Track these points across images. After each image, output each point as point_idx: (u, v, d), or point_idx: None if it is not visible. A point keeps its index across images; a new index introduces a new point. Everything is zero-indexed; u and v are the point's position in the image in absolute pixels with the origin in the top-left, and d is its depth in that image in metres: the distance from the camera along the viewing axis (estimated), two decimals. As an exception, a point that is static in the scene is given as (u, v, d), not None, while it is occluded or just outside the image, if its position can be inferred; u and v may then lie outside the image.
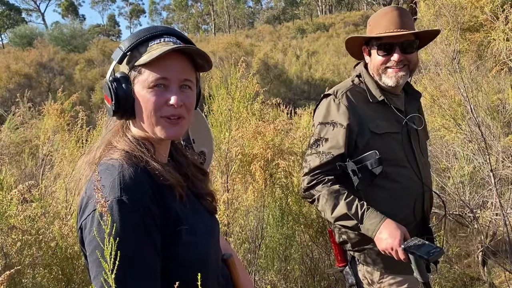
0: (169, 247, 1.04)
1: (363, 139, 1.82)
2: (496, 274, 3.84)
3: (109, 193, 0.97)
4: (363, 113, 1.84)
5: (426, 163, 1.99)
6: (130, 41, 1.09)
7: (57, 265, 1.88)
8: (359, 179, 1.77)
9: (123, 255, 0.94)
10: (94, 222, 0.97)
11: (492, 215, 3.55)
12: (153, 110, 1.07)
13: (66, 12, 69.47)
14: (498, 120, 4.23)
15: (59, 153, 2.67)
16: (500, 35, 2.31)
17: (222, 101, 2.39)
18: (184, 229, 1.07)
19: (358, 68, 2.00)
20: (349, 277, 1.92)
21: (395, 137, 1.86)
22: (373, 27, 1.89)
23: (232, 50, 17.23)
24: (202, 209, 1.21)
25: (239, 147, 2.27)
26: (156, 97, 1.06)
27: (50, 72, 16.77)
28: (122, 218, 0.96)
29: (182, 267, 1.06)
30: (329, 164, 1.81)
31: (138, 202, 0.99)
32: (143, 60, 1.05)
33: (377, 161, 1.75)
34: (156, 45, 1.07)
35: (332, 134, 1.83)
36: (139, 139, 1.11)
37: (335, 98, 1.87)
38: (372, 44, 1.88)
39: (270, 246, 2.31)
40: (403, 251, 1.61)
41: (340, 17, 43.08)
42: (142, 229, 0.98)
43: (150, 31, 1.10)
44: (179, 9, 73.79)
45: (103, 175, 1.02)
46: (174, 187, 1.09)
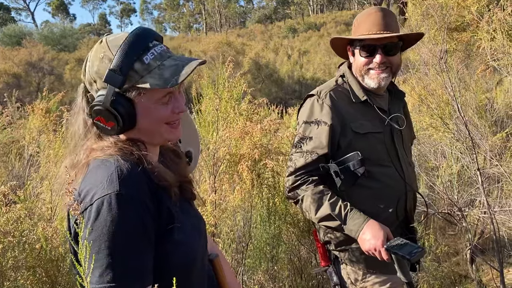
0: (160, 244, 1.04)
1: (345, 139, 1.83)
2: (484, 271, 3.87)
3: (107, 187, 0.97)
4: (346, 113, 1.85)
5: (410, 163, 2.00)
6: (122, 60, 1.02)
7: (41, 267, 1.86)
8: (341, 180, 1.77)
9: (121, 250, 0.95)
10: (91, 216, 0.96)
11: (480, 213, 3.58)
12: (162, 121, 1.09)
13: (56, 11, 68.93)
14: (486, 119, 4.26)
15: (44, 154, 2.64)
16: (485, 36, 2.33)
17: (209, 101, 2.39)
18: (176, 227, 1.07)
19: (342, 68, 2.01)
20: (333, 277, 1.93)
21: (378, 137, 1.87)
22: (356, 28, 1.89)
23: (223, 50, 17.20)
24: (189, 208, 1.21)
25: (227, 147, 2.27)
26: (166, 109, 1.08)
27: (39, 71, 16.62)
28: (121, 213, 0.96)
29: (170, 265, 1.06)
30: (313, 164, 1.82)
31: (136, 197, 0.99)
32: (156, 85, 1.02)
33: (360, 162, 1.75)
34: (152, 60, 1.04)
35: (316, 134, 1.83)
36: (129, 138, 1.11)
37: (319, 99, 1.88)
38: (356, 45, 1.89)
39: (257, 246, 2.31)
40: (386, 251, 1.62)
41: (331, 16, 43.21)
42: (140, 224, 0.98)
43: (138, 46, 1.05)
44: (170, 8, 73.54)
45: (98, 171, 1.02)
46: (170, 188, 1.09)
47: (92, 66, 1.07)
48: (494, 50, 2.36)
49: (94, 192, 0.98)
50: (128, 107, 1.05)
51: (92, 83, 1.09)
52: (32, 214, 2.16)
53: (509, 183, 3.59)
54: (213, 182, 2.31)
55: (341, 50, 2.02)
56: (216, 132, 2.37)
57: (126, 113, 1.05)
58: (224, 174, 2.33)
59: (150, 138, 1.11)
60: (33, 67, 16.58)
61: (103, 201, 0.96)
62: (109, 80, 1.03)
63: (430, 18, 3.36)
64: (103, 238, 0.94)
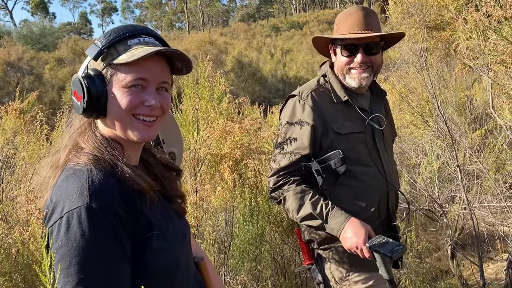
0: (139, 253, 1.01)
1: (327, 140, 1.83)
2: (464, 266, 3.93)
3: (77, 200, 0.94)
4: (328, 114, 1.85)
5: (391, 162, 2.01)
6: (108, 38, 1.05)
7: (18, 272, 1.81)
8: (323, 179, 1.78)
9: (93, 265, 0.92)
10: (61, 230, 0.93)
11: (460, 209, 3.63)
12: (128, 110, 1.04)
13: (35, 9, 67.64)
14: (465, 116, 4.33)
15: (20, 156, 2.58)
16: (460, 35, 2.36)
17: (189, 101, 2.36)
18: (155, 235, 1.04)
19: (323, 67, 2.01)
20: (316, 275, 1.93)
21: (359, 137, 1.87)
22: (338, 27, 1.89)
23: (206, 48, 17.12)
24: (172, 213, 1.18)
25: (208, 147, 2.25)
26: (132, 96, 1.04)
27: (18, 71, 16.34)
28: (91, 226, 0.92)
29: (151, 273, 1.04)
30: (295, 165, 1.82)
31: (108, 209, 0.95)
32: (124, 59, 1.02)
33: (341, 160, 1.76)
34: (136, 44, 1.05)
35: (298, 135, 1.83)
36: (109, 138, 1.07)
37: (300, 99, 1.87)
38: (337, 44, 1.89)
39: (240, 247, 2.29)
40: (367, 249, 1.63)
41: (314, 15, 43.39)
42: (112, 236, 0.95)
43: (129, 30, 1.07)
44: (152, 7, 72.87)
45: (70, 180, 0.98)
46: (146, 192, 1.05)
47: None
48: (471, 50, 2.39)
49: (64, 204, 0.95)
50: (100, 85, 1.04)
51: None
52: (8, 218, 2.11)
53: (488, 179, 3.65)
54: (194, 182, 2.29)
55: (324, 49, 2.01)
56: (197, 132, 2.34)
57: (96, 90, 1.03)
58: (205, 175, 2.31)
59: (122, 131, 1.07)
60: (12, 67, 16.29)
61: (73, 214, 0.93)
62: (89, 51, 1.06)
63: (410, 17, 3.40)
64: (73, 253, 0.91)
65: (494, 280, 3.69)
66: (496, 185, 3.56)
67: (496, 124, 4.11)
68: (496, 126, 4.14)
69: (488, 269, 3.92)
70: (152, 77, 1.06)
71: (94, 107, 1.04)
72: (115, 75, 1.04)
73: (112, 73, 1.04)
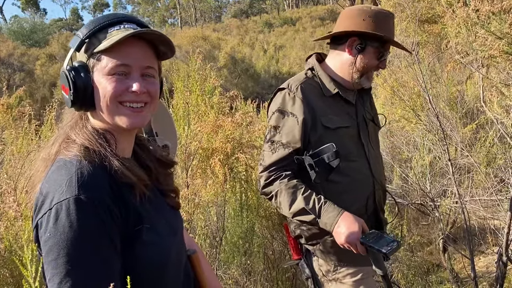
0: (128, 246, 1.00)
1: (315, 134, 1.80)
2: (456, 260, 3.96)
3: (65, 191, 0.93)
4: (317, 107, 1.82)
5: (377, 156, 2.00)
6: (88, 27, 1.04)
7: (5, 267, 1.79)
8: (316, 173, 1.74)
9: (81, 256, 0.91)
10: (50, 221, 0.92)
11: (451, 203, 3.65)
12: (113, 97, 1.02)
13: (26, 5, 66.94)
14: (457, 111, 4.34)
15: (8, 150, 2.55)
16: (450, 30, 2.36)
17: (180, 95, 2.34)
18: (145, 227, 1.03)
19: (310, 61, 1.96)
20: (305, 269, 1.92)
21: (346, 131, 1.85)
22: (378, 26, 1.78)
23: (198, 44, 17.04)
24: (165, 206, 1.17)
25: (199, 141, 2.23)
26: (116, 83, 1.02)
27: (9, 67, 16.14)
28: (80, 218, 0.91)
29: (141, 267, 1.02)
30: (286, 159, 1.78)
31: (96, 201, 0.94)
32: (103, 46, 1.00)
33: (334, 154, 1.73)
34: (116, 31, 1.02)
35: (288, 129, 1.79)
36: (100, 130, 1.06)
37: (290, 92, 1.83)
38: (372, 43, 1.81)
39: (231, 241, 2.29)
40: (361, 245, 1.60)
41: (307, 11, 43.31)
42: (101, 228, 0.94)
43: (109, 18, 1.05)
44: (144, 3, 72.42)
45: (59, 172, 0.97)
46: (135, 186, 1.04)
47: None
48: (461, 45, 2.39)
49: (53, 196, 0.94)
50: (85, 76, 1.02)
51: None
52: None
53: (479, 173, 3.67)
54: (186, 177, 2.27)
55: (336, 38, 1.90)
56: (188, 126, 2.33)
57: (81, 82, 1.02)
58: (196, 169, 2.30)
59: (111, 119, 1.05)
60: (2, 63, 16.10)
61: (61, 206, 0.92)
62: (71, 43, 1.05)
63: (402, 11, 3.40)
64: (61, 244, 0.90)
65: (485, 273, 3.72)
66: (487, 179, 3.59)
67: (487, 119, 4.13)
68: (487, 121, 4.16)
69: (479, 262, 3.95)
70: (135, 62, 1.04)
71: (82, 99, 1.03)
72: (98, 64, 1.03)
73: (95, 63, 1.03)
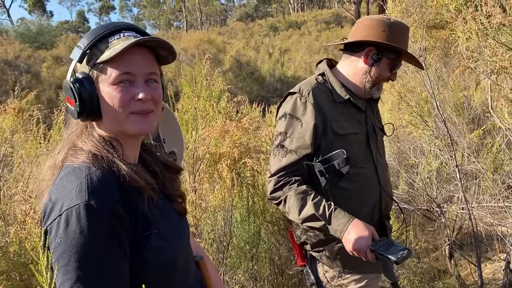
0: (136, 252, 1.01)
1: (326, 140, 1.79)
2: (462, 266, 3.93)
3: (75, 197, 0.93)
4: (328, 112, 1.81)
5: (384, 164, 1.99)
6: (89, 38, 1.05)
7: (15, 271, 1.80)
8: (326, 180, 1.73)
9: (92, 262, 0.92)
10: (60, 227, 0.92)
11: (458, 209, 3.63)
12: (121, 107, 1.03)
13: (32, 8, 67.41)
14: (464, 116, 4.33)
15: (18, 154, 2.57)
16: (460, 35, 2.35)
17: (187, 99, 2.35)
18: (153, 233, 1.03)
19: (321, 66, 1.96)
20: (309, 277, 1.90)
21: (356, 138, 1.85)
22: (396, 38, 1.79)
23: (204, 47, 17.10)
24: (172, 211, 1.18)
25: (206, 146, 2.23)
26: (122, 93, 1.03)
27: (16, 69, 16.25)
28: (90, 223, 0.92)
29: (149, 272, 1.03)
30: (296, 165, 1.77)
31: (106, 207, 0.95)
32: (106, 57, 1.01)
33: (345, 160, 1.72)
34: (116, 40, 1.03)
35: (299, 134, 1.78)
36: (106, 138, 1.07)
37: (301, 97, 1.81)
38: (388, 55, 1.82)
39: (238, 246, 2.28)
40: (371, 252, 1.58)
41: (312, 15, 43.37)
42: (111, 234, 0.95)
43: (108, 27, 1.06)
44: (150, 5, 72.70)
45: (69, 178, 0.98)
46: (143, 190, 1.05)
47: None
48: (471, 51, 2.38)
49: (63, 202, 0.95)
50: (89, 87, 1.03)
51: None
52: (5, 216, 2.10)
53: (486, 180, 3.65)
54: (193, 181, 2.28)
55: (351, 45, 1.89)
56: (195, 131, 2.33)
57: (86, 93, 1.03)
58: (204, 174, 2.30)
59: (120, 127, 1.07)
60: (9, 65, 16.21)
61: (71, 212, 0.93)
62: (73, 55, 1.05)
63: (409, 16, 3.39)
64: (72, 250, 0.91)
65: (491, 280, 3.69)
66: (494, 185, 3.57)
67: (494, 125, 4.12)
68: (494, 127, 4.15)
69: (486, 269, 3.92)
70: (138, 70, 1.05)
71: (88, 110, 1.04)
72: (101, 74, 1.04)
73: (98, 73, 1.04)
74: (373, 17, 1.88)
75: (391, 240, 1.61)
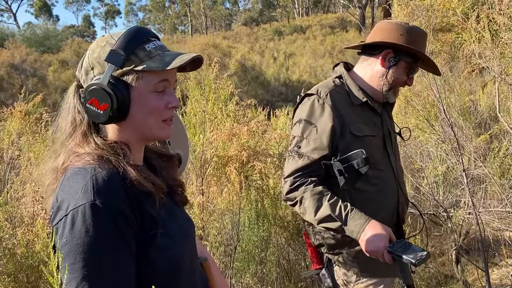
0: (142, 251, 1.01)
1: (344, 141, 1.78)
2: (469, 272, 3.90)
3: (81, 198, 0.94)
4: (346, 115, 1.81)
5: (400, 167, 1.99)
6: (129, 44, 1.05)
7: (22, 273, 1.80)
8: (345, 179, 1.72)
9: (97, 261, 0.93)
10: (66, 227, 0.93)
11: (465, 214, 3.61)
12: (154, 114, 1.07)
13: (39, 12, 67.94)
14: (470, 121, 4.32)
15: (25, 157, 2.58)
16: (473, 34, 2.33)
17: (195, 103, 2.35)
18: (159, 232, 1.04)
19: (338, 69, 1.96)
20: (326, 280, 1.90)
21: (373, 140, 1.85)
22: (414, 42, 1.79)
23: (209, 51, 17.16)
24: (177, 210, 1.18)
25: (214, 149, 2.24)
26: (158, 100, 1.07)
27: (22, 73, 16.36)
28: (95, 223, 0.93)
29: (154, 271, 1.04)
30: (312, 166, 1.76)
31: (112, 206, 0.96)
32: (156, 67, 1.04)
33: (364, 160, 1.71)
34: (155, 50, 1.07)
35: (316, 135, 1.78)
36: (113, 143, 1.07)
37: (319, 98, 1.82)
38: (405, 58, 1.82)
39: (246, 249, 2.28)
40: (388, 254, 1.56)
41: (317, 19, 43.42)
42: (117, 234, 0.96)
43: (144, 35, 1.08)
44: (155, 10, 73.07)
45: (74, 179, 0.99)
46: (154, 194, 1.05)
47: (93, 54, 1.08)
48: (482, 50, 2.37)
49: (69, 202, 0.96)
50: (124, 91, 1.04)
51: (89, 71, 1.08)
52: (12, 218, 2.11)
53: (493, 184, 3.63)
54: (201, 184, 2.28)
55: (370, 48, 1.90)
56: (203, 134, 2.33)
57: (121, 96, 1.04)
58: (211, 177, 2.30)
59: (141, 132, 1.09)
60: (16, 69, 16.32)
61: (77, 212, 0.94)
62: (110, 59, 1.04)
63: (415, 20, 3.39)
64: (78, 250, 0.92)
65: (499, 285, 3.67)
66: (502, 190, 3.55)
67: (500, 129, 4.10)
68: (501, 131, 4.13)
69: (493, 274, 3.89)
70: (172, 77, 1.09)
71: (119, 115, 1.05)
72: (140, 80, 1.05)
73: (135, 79, 1.05)
74: (391, 21, 1.89)
75: (409, 242, 1.59)
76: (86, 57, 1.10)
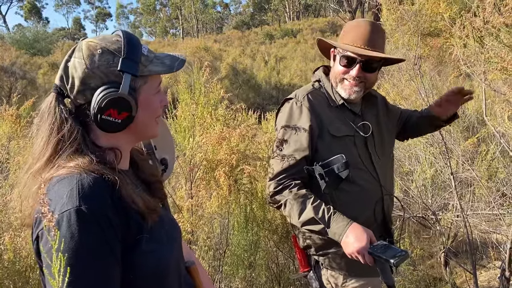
0: (128, 256, 1.01)
1: (323, 142, 1.82)
2: (457, 274, 3.94)
3: (67, 203, 0.94)
4: (324, 116, 1.85)
5: (386, 166, 2.00)
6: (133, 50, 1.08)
7: (8, 279, 1.78)
8: (326, 183, 1.76)
9: (83, 266, 0.92)
10: (51, 232, 0.92)
11: (453, 217, 3.65)
12: (154, 112, 1.13)
13: (28, 14, 67.43)
14: (458, 124, 4.36)
15: (14, 161, 2.55)
16: (458, 41, 2.37)
17: (185, 107, 2.35)
18: (145, 237, 1.04)
19: (317, 73, 2.02)
20: (313, 282, 1.91)
21: (353, 140, 1.88)
22: (344, 36, 1.89)
23: (200, 55, 17.14)
24: (163, 214, 1.18)
25: (203, 153, 2.24)
26: (157, 101, 1.13)
27: (11, 76, 16.17)
28: (80, 228, 0.92)
29: (141, 276, 1.04)
30: (294, 167, 1.80)
31: (97, 212, 0.96)
32: (161, 71, 1.10)
33: (344, 165, 1.74)
34: (148, 53, 1.12)
35: (296, 137, 1.82)
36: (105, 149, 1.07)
37: (297, 101, 1.88)
38: (338, 51, 1.89)
39: (235, 253, 2.28)
40: (369, 255, 1.60)
41: (308, 23, 43.60)
42: (102, 239, 0.95)
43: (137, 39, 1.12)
44: (146, 13, 72.88)
45: (60, 184, 0.98)
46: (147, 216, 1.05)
47: (87, 62, 1.05)
48: (467, 56, 2.41)
49: (54, 207, 0.95)
50: (136, 98, 1.08)
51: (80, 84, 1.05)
52: (0, 223, 2.08)
53: (480, 187, 3.68)
54: (190, 188, 2.28)
55: (326, 51, 2.03)
56: (192, 138, 2.33)
57: (135, 104, 1.08)
58: (200, 180, 2.30)
59: (140, 134, 1.14)
60: (5, 71, 16.14)
61: (62, 217, 0.93)
62: (126, 68, 1.05)
63: (404, 24, 3.43)
64: (63, 255, 0.91)
65: (487, 287, 3.70)
66: (489, 193, 3.59)
67: (488, 132, 4.15)
68: (488, 134, 4.18)
69: (481, 276, 3.93)
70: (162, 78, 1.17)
71: (132, 120, 1.08)
72: (145, 84, 1.10)
73: (141, 83, 1.10)
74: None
75: (389, 244, 1.62)
76: (75, 67, 1.06)
